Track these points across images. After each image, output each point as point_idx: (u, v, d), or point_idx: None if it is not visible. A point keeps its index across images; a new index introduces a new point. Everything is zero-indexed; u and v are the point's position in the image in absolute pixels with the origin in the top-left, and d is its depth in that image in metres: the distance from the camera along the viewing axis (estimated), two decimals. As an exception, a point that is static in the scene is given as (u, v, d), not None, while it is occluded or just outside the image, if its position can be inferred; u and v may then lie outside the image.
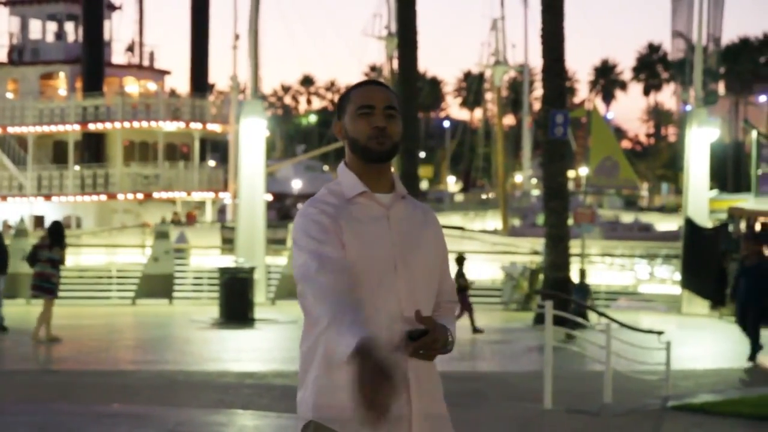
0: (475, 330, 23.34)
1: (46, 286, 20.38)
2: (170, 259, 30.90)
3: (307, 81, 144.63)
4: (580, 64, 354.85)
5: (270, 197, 45.94)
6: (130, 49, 59.60)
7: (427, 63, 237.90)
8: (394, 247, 3.93)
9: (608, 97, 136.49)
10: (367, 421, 3.55)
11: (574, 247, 28.33)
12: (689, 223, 29.61)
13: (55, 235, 20.55)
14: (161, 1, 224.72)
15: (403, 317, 3.87)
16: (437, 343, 3.84)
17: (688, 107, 32.00)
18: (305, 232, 3.90)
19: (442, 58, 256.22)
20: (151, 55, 59.50)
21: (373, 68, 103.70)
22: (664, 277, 35.87)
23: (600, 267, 34.99)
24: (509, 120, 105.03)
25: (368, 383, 3.52)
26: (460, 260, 24.60)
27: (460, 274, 24.02)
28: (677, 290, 31.25)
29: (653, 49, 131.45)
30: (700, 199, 30.18)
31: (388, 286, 3.89)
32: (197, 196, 52.20)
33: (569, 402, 13.71)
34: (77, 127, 51.26)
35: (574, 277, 27.73)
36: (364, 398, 3.52)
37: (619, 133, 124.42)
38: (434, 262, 4.06)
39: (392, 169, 4.09)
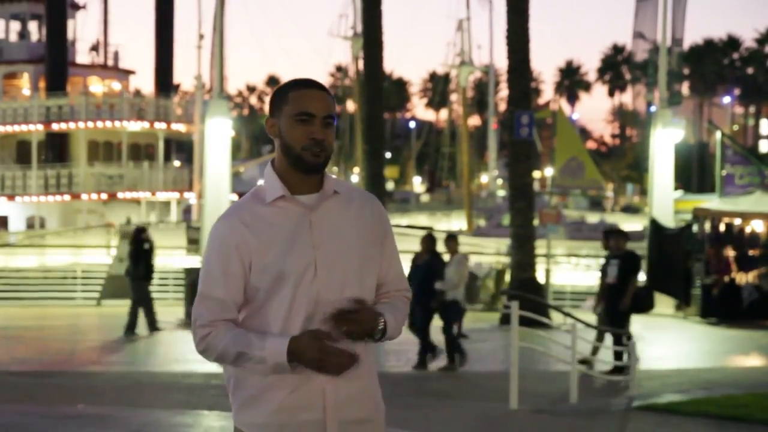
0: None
1: None
2: (135, 259, 30.69)
3: (272, 81, 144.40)
4: (545, 65, 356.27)
5: (235, 197, 45.78)
6: (95, 48, 59.27)
7: (393, 63, 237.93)
8: (314, 250, 3.90)
9: (573, 98, 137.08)
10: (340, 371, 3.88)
11: (540, 247, 28.39)
12: (654, 224, 29.73)
13: None
14: (126, 1, 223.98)
15: (320, 320, 3.90)
16: (362, 324, 3.90)
17: (653, 108, 32.15)
18: (208, 262, 3.98)
19: (408, 58, 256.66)
20: (116, 54, 59.20)
21: (339, 68, 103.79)
22: (629, 278, 35.96)
23: (565, 267, 35.08)
24: (475, 120, 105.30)
25: (325, 358, 3.83)
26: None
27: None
28: (642, 290, 31.32)
29: (618, 50, 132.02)
30: (665, 200, 30.31)
31: (305, 290, 3.89)
32: (162, 196, 51.97)
33: (535, 402, 13.74)
34: (41, 127, 50.90)
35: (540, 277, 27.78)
36: (331, 368, 3.84)
37: (584, 133, 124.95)
38: (368, 258, 4.00)
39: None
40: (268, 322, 3.91)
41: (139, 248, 22.77)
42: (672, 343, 23.46)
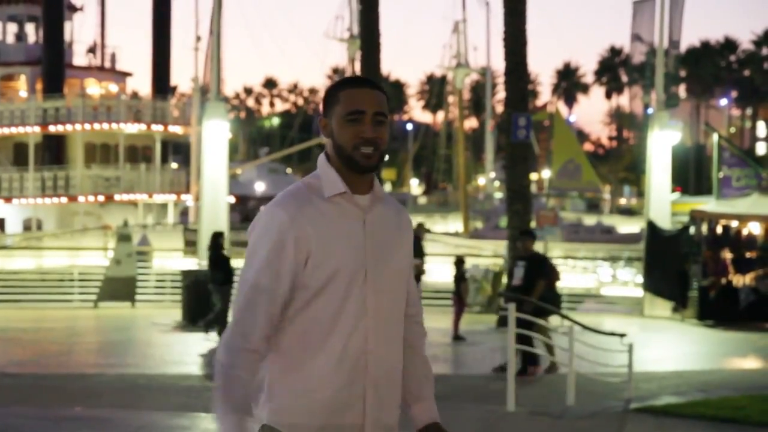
0: (457, 337, 22.98)
1: None
2: (132, 261, 30.71)
3: (269, 83, 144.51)
4: (542, 67, 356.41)
5: (233, 199, 45.84)
6: (92, 50, 59.25)
7: (390, 65, 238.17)
8: (366, 253, 3.79)
9: (570, 100, 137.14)
10: None
11: (537, 249, 28.34)
12: (651, 226, 29.75)
13: None
14: (123, 3, 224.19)
15: (367, 324, 3.78)
16: None
17: (650, 110, 32.16)
18: (260, 250, 3.76)
19: (406, 60, 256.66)
20: (113, 56, 59.20)
21: (336, 70, 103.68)
22: (627, 280, 36.05)
23: (562, 269, 35.05)
24: (472, 123, 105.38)
25: None
26: (460, 263, 24.17)
27: (461, 278, 23.68)
28: (639, 293, 31.39)
29: (615, 52, 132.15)
30: (662, 202, 30.32)
31: (355, 294, 3.76)
32: (159, 198, 51.96)
33: (532, 404, 13.74)
34: (38, 129, 50.86)
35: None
36: None
37: (582, 136, 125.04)
38: (406, 268, 3.93)
39: None
40: (316, 322, 3.77)
41: (218, 253, 22.61)
42: (669, 346, 23.47)
